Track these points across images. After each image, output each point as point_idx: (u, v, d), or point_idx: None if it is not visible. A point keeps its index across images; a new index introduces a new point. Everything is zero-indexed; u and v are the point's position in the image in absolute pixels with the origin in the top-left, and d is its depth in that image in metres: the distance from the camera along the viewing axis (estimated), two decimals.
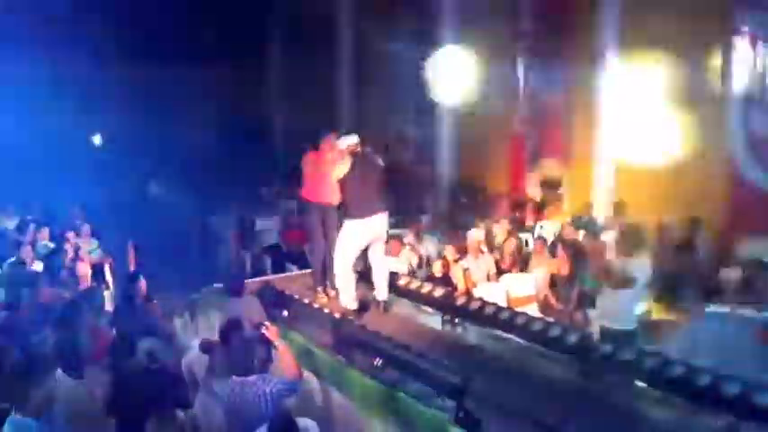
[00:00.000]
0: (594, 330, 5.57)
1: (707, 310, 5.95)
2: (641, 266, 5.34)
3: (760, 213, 7.89)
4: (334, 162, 6.13)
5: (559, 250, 7.00)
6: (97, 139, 16.83)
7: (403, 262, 7.86)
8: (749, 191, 8.14)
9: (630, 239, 5.46)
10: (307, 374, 5.46)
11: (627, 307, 5.38)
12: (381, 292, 6.31)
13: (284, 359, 4.71)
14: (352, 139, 6.09)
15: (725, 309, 5.94)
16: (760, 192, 8.06)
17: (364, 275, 6.59)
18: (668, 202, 8.39)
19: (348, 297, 6.15)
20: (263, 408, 4.24)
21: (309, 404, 5.39)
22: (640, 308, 5.76)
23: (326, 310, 6.14)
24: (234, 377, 4.38)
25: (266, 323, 4.93)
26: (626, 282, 5.28)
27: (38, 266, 7.49)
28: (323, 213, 6.54)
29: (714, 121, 8.30)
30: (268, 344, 4.65)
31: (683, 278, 6.70)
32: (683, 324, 6.01)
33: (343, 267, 6.09)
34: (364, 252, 6.23)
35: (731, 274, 6.98)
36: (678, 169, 8.44)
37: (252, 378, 4.34)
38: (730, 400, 4.17)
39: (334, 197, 6.26)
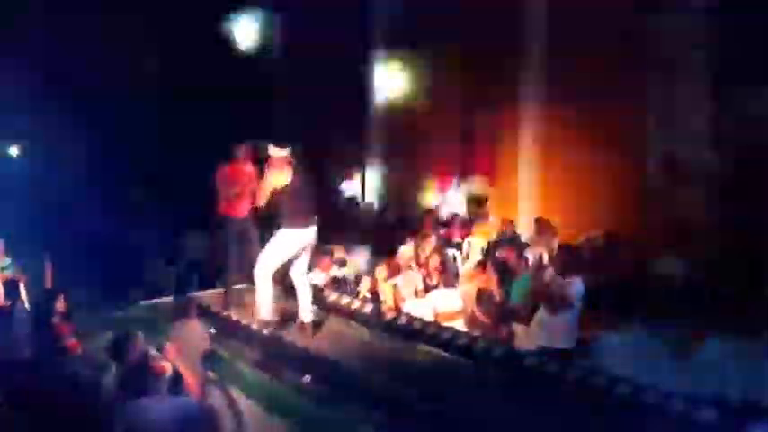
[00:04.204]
0: (527, 346, 5.64)
1: (624, 324, 6.16)
2: (578, 287, 5.45)
3: (673, 230, 8.28)
4: (249, 175, 6.11)
5: (488, 266, 7.13)
6: (13, 150, 16.11)
7: (332, 277, 7.83)
8: (663, 208, 8.52)
9: (567, 261, 5.56)
10: (234, 393, 5.37)
11: (568, 328, 5.48)
12: (306, 313, 6.18)
13: (185, 380, 4.59)
14: (286, 150, 6.00)
15: (642, 323, 6.17)
16: (672, 209, 8.45)
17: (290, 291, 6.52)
18: (587, 216, 8.69)
19: (266, 310, 6.03)
20: None
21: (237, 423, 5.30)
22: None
23: (254, 327, 6.07)
24: (128, 400, 4.17)
25: (166, 343, 4.76)
26: (565, 304, 5.37)
27: None
28: (241, 228, 6.49)
29: (632, 138, 8.68)
30: (166, 364, 4.50)
31: (600, 292, 6.93)
32: (601, 338, 6.20)
33: (264, 277, 5.98)
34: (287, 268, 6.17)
35: (648, 289, 7.28)
36: (595, 185, 8.77)
37: (145, 401, 4.07)
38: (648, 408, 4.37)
39: (251, 210, 6.24)
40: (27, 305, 7.54)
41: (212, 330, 6.16)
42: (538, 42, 9.67)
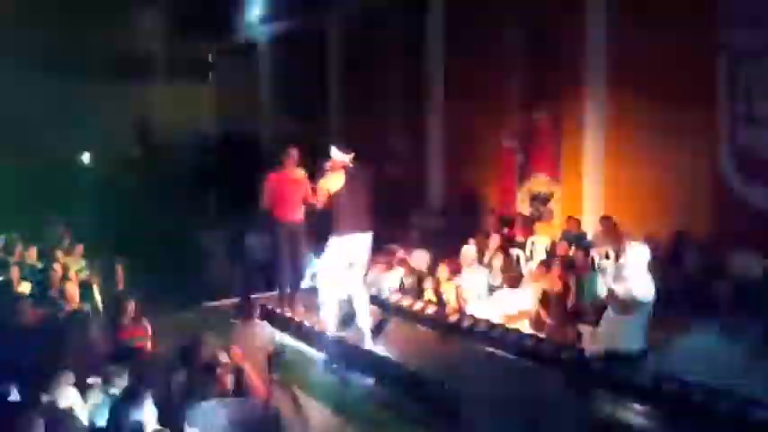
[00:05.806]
0: (596, 350, 5.48)
1: (697, 326, 5.94)
2: (647, 288, 5.28)
3: (747, 227, 7.93)
4: (298, 180, 6.25)
5: (554, 266, 6.98)
6: (86, 157, 16.74)
7: (395, 278, 7.82)
8: (736, 205, 8.17)
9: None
10: (299, 395, 5.42)
11: (637, 329, 5.29)
12: (364, 323, 6.04)
13: (250, 381, 4.64)
14: (349, 155, 5.94)
15: (715, 323, 5.94)
16: (746, 206, 8.10)
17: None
18: (655, 216, 8.42)
19: (330, 323, 6.02)
20: None
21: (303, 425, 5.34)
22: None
23: (317, 328, 6.11)
24: (194, 402, 4.24)
25: (233, 346, 4.83)
26: (634, 305, 5.23)
27: (24, 287, 7.40)
28: (290, 232, 6.61)
29: (702, 134, 8.35)
30: (235, 367, 4.55)
31: (671, 292, 6.70)
32: (673, 340, 6.00)
33: (325, 289, 5.96)
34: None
35: (721, 289, 7.00)
36: (666, 183, 8.48)
37: (211, 403, 4.21)
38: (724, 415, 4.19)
39: (301, 214, 6.35)
40: (100, 306, 7.80)
41: (276, 332, 6.26)
42: (602, 33, 9.42)
